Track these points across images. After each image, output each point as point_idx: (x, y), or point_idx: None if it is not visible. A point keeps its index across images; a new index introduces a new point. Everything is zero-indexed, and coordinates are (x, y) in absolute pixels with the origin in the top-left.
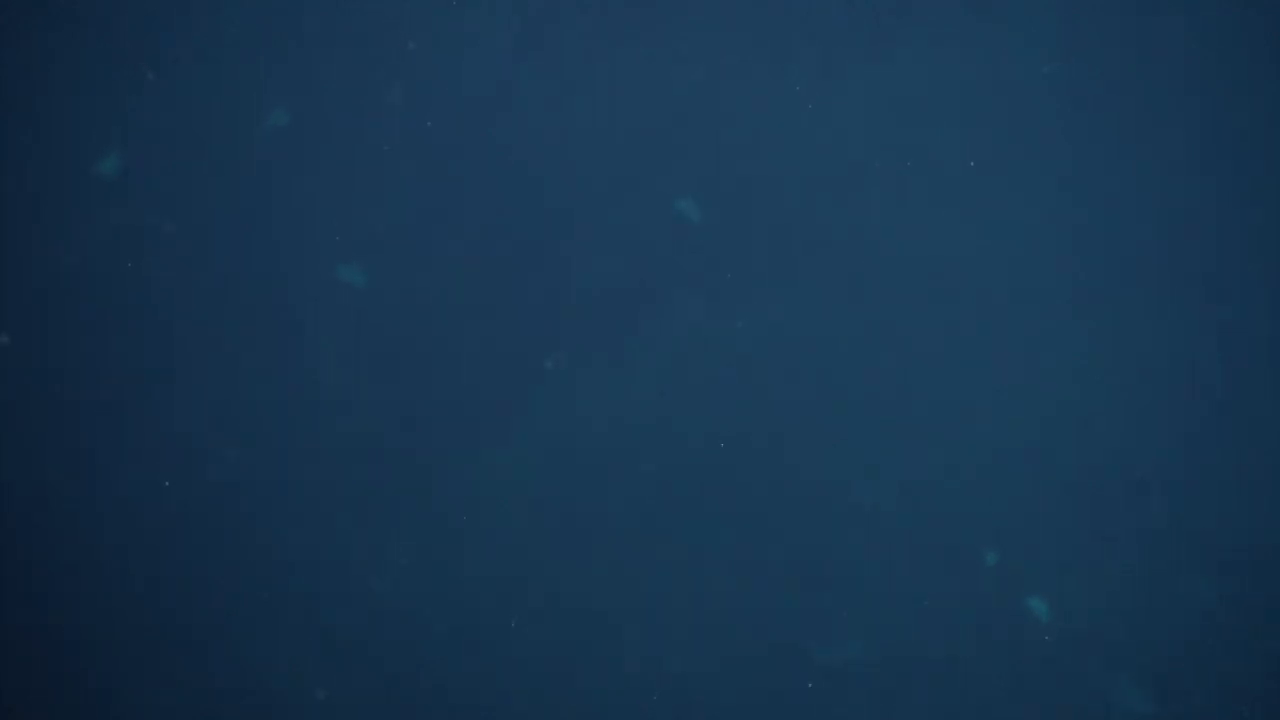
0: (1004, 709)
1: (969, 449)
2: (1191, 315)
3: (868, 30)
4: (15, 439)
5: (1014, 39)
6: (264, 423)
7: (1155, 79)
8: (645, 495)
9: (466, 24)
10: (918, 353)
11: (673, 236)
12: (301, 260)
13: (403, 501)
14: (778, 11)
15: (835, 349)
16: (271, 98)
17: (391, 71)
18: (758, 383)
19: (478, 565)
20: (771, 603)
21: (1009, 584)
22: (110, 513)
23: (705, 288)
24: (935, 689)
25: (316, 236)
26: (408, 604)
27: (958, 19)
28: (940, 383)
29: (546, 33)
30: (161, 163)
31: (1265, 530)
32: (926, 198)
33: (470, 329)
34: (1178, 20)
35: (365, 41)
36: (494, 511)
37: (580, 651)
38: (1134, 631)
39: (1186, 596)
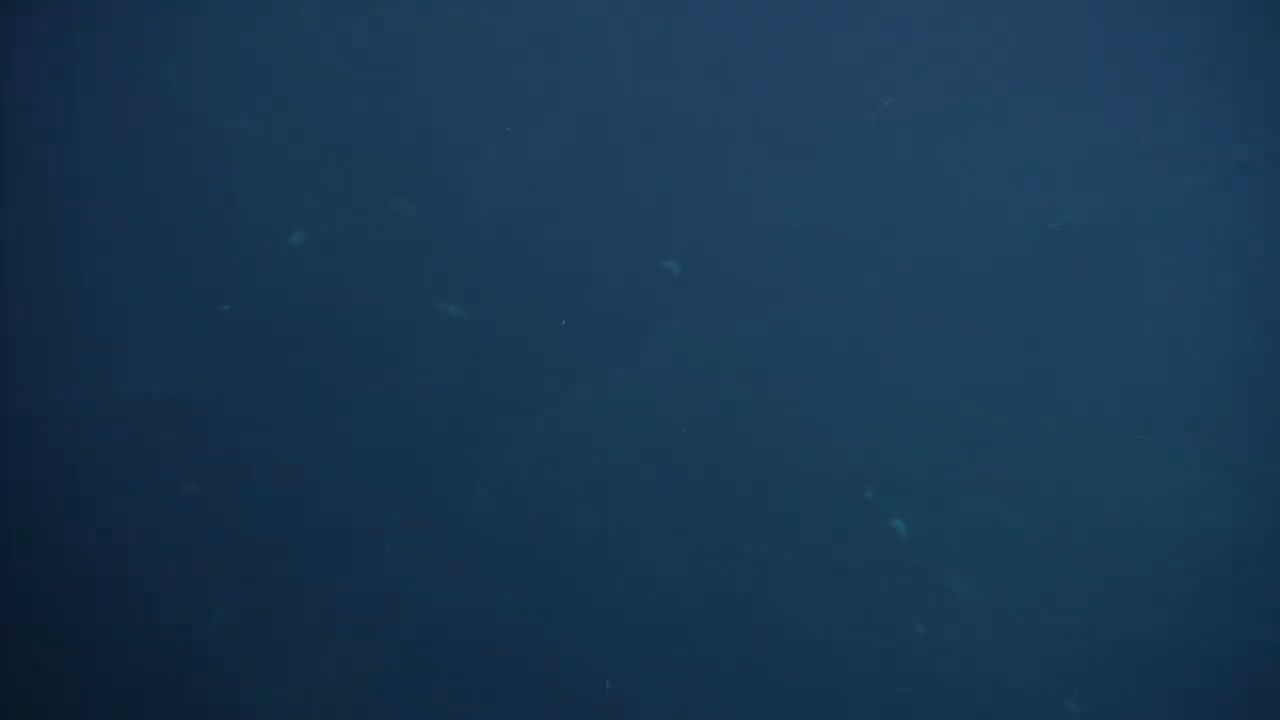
0: (875, 602)
1: (856, 421)
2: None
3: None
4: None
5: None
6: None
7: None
8: (644, 451)
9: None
10: (824, 361)
11: (661, 284)
12: (411, 299)
13: (481, 457)
14: (742, 117)
15: (768, 359)
16: (394, 189)
17: (474, 181)
18: (717, 381)
19: (540, 501)
20: (723, 529)
21: (881, 512)
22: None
23: (682, 318)
24: (833, 584)
25: (425, 283)
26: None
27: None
28: (840, 381)
29: (571, 154)
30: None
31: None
32: (830, 255)
33: (528, 346)
34: None
35: (456, 153)
36: (542, 463)
37: (588, 561)
38: (968, 540)
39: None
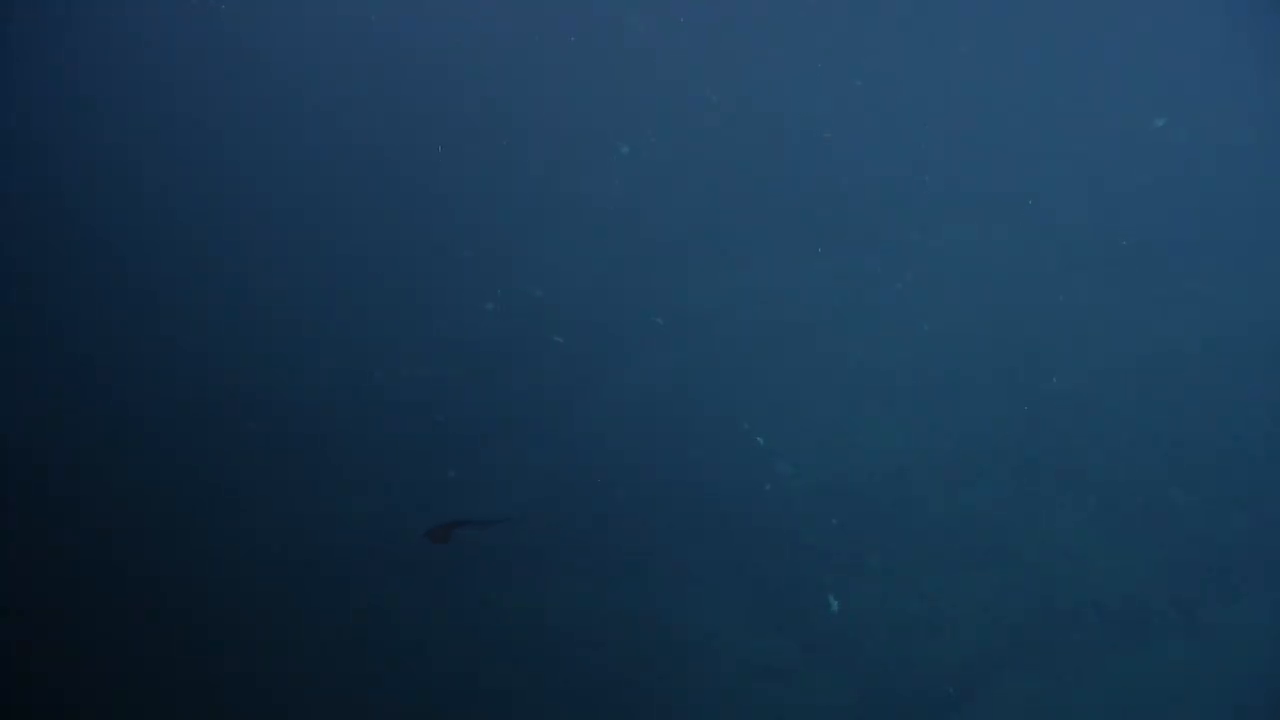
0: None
1: (754, 376)
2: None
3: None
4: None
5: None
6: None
7: None
8: (642, 416)
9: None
10: (747, 368)
11: (650, 332)
12: (537, 331)
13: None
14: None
15: (713, 368)
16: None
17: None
18: (683, 378)
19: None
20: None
21: (770, 454)
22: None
23: (662, 348)
24: (730, 462)
25: (540, 320)
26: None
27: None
28: (759, 375)
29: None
30: None
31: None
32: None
33: (587, 358)
34: None
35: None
36: (590, 421)
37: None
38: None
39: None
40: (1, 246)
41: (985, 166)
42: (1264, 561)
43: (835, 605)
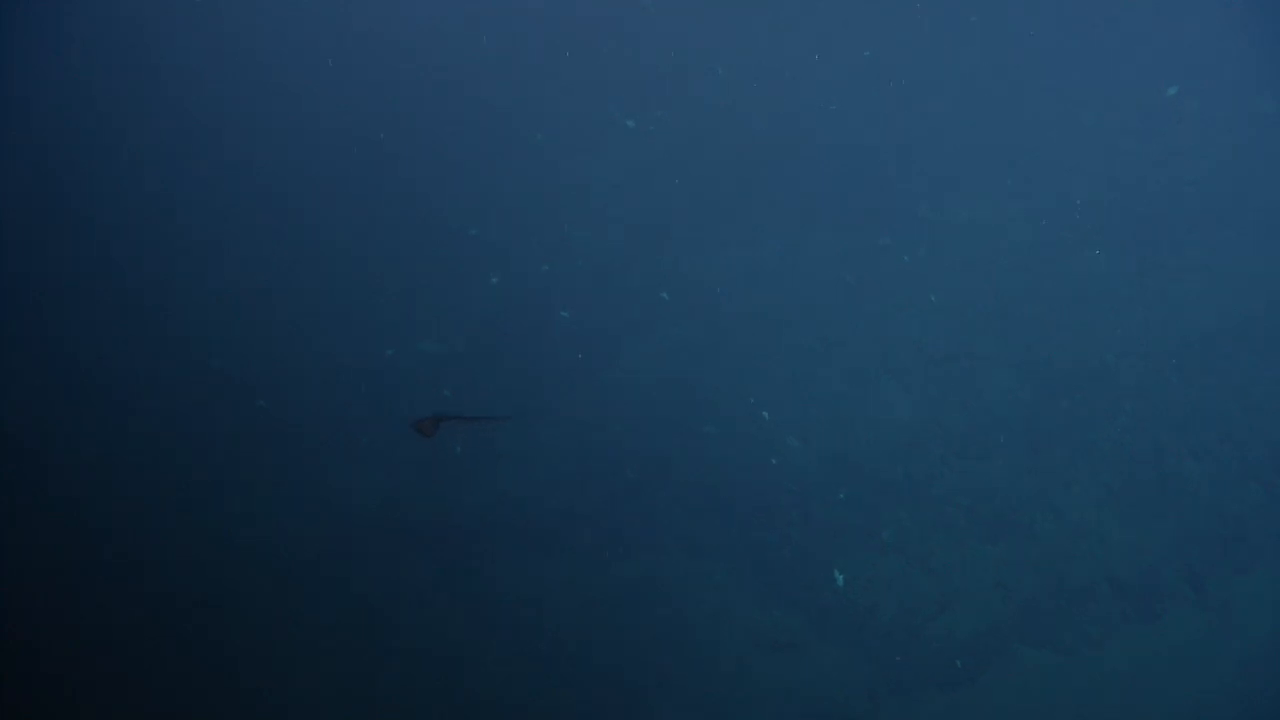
0: (755, 443)
1: (760, 351)
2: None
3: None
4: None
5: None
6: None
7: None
8: (650, 377)
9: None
10: (747, 347)
11: (657, 308)
12: (546, 309)
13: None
14: (715, 215)
15: (713, 342)
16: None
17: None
18: (685, 348)
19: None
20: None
21: (777, 428)
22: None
23: (669, 320)
24: (740, 432)
25: (554, 301)
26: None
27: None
28: (735, 361)
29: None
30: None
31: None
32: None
33: (601, 334)
34: None
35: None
36: (613, 380)
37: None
38: (800, 423)
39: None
40: (2, 243)
41: (995, 140)
42: (1276, 533)
43: (840, 580)
